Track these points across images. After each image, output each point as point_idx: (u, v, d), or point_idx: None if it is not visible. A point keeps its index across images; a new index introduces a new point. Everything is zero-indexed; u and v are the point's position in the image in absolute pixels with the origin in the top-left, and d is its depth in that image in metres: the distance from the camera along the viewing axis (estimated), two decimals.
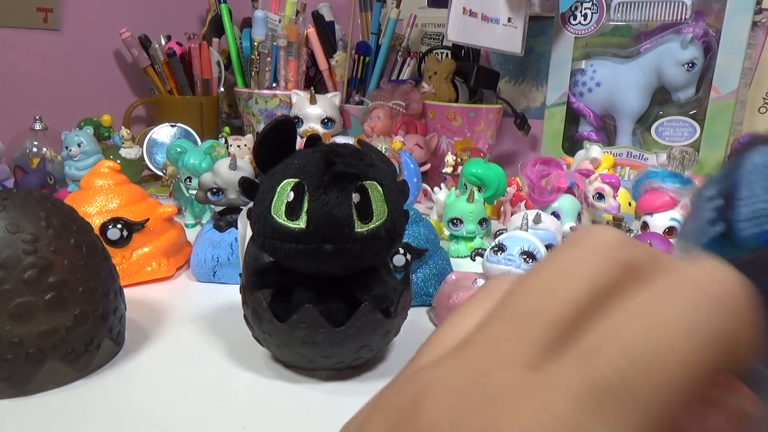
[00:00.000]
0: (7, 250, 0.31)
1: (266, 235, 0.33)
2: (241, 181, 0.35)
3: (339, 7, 1.04)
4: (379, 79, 0.95)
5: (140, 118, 1.07)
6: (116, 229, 0.50)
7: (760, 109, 0.79)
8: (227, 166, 0.51)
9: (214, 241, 0.52)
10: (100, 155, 0.72)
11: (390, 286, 0.36)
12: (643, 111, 0.80)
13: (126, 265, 0.50)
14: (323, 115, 0.84)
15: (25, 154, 0.78)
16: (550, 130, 0.84)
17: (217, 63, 1.01)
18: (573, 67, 0.82)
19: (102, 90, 1.02)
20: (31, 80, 0.93)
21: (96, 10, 0.98)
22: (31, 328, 0.32)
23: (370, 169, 0.33)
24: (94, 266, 0.36)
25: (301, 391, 0.35)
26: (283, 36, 0.91)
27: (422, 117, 0.89)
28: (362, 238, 0.32)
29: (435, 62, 0.90)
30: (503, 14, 0.79)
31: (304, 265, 0.34)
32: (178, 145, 0.68)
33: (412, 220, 0.48)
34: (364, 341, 0.35)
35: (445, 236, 0.63)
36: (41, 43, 0.93)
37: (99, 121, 0.85)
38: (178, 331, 0.43)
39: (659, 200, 0.54)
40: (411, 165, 0.70)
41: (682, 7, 0.74)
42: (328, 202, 0.32)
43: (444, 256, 0.52)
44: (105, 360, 0.37)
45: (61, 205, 0.36)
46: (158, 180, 0.86)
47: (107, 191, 0.51)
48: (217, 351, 0.40)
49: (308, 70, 0.98)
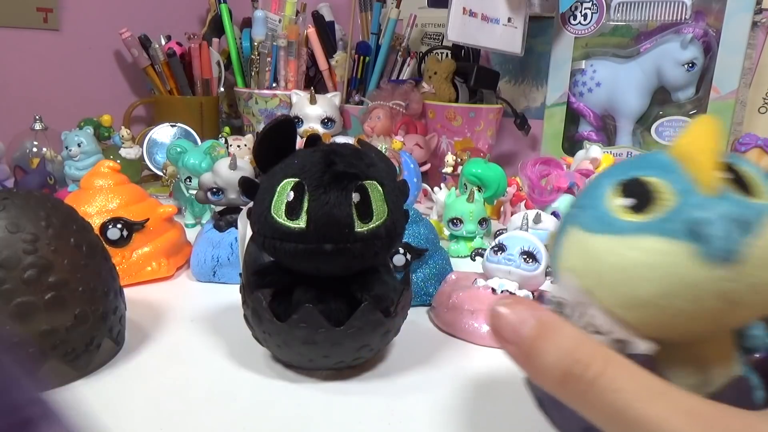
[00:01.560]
0: (7, 250, 0.31)
1: (266, 234, 0.33)
2: (241, 181, 0.35)
3: (339, 7, 1.04)
4: (379, 79, 0.95)
5: (140, 118, 1.07)
6: (116, 229, 0.50)
7: (760, 109, 0.79)
8: (227, 166, 0.51)
9: (214, 241, 0.52)
10: (100, 155, 0.72)
11: (390, 286, 0.36)
12: (643, 111, 0.80)
13: (126, 265, 0.50)
14: (323, 115, 0.84)
15: (25, 154, 0.78)
16: (550, 130, 0.84)
17: (217, 63, 1.01)
18: (573, 67, 0.82)
19: (102, 90, 1.02)
20: (31, 80, 0.93)
21: (96, 10, 0.99)
22: (31, 327, 0.32)
23: (370, 168, 0.33)
24: (94, 266, 0.36)
25: (301, 391, 0.35)
26: (283, 36, 0.91)
27: (422, 117, 0.89)
28: (362, 238, 0.32)
29: (435, 62, 0.90)
30: (503, 14, 0.79)
31: (304, 264, 0.34)
32: (178, 145, 0.68)
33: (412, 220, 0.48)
34: (364, 341, 0.35)
35: (445, 236, 0.63)
36: (41, 43, 0.93)
37: (99, 121, 0.85)
38: (178, 331, 0.43)
39: None
40: (411, 165, 0.70)
41: (682, 7, 0.74)
42: (328, 202, 0.32)
43: (444, 256, 0.52)
44: (105, 360, 0.37)
45: (61, 205, 0.36)
46: (158, 180, 0.86)
47: (107, 191, 0.51)
48: (217, 351, 0.40)
49: (308, 70, 0.98)
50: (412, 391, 0.36)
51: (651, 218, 0.19)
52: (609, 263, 0.19)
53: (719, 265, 0.17)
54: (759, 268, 0.17)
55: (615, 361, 0.17)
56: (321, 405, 0.34)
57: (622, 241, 0.19)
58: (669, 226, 0.18)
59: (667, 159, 0.20)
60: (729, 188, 0.18)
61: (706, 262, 0.17)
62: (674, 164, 0.19)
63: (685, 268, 0.18)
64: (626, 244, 0.19)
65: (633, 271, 0.19)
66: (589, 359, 0.17)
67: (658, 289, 0.18)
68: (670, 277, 0.18)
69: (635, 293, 0.19)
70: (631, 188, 0.20)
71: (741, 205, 0.18)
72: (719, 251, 0.17)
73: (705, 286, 0.18)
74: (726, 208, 0.18)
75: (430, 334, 0.44)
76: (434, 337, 0.43)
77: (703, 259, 0.17)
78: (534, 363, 0.18)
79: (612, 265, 0.19)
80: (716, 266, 0.17)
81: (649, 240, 0.18)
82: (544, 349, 0.18)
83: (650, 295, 0.18)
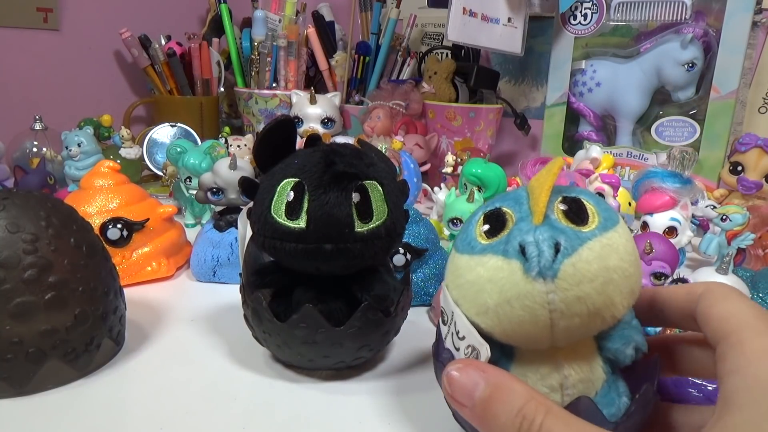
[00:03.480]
0: (7, 249, 0.31)
1: (266, 234, 0.33)
2: (241, 181, 0.35)
3: (339, 7, 1.04)
4: (379, 79, 0.95)
5: (140, 118, 1.07)
6: (116, 229, 0.50)
7: (760, 109, 0.79)
8: (227, 166, 0.51)
9: (214, 241, 0.52)
10: (100, 155, 0.72)
11: (390, 286, 0.36)
12: (643, 111, 0.80)
13: (126, 265, 0.50)
14: (323, 115, 0.84)
15: (25, 154, 0.78)
16: (550, 130, 0.84)
17: (217, 63, 1.01)
18: (573, 67, 0.82)
19: (102, 90, 1.02)
20: (31, 80, 0.93)
21: (96, 10, 0.99)
22: (31, 327, 0.32)
23: (370, 168, 0.33)
24: (94, 266, 0.36)
25: (301, 391, 0.35)
26: (283, 36, 0.91)
27: (422, 117, 0.89)
28: (362, 238, 0.32)
29: (435, 62, 0.90)
30: (503, 14, 0.79)
31: (304, 264, 0.34)
32: (178, 145, 0.68)
33: (412, 220, 0.48)
34: (364, 341, 0.35)
35: (445, 236, 0.63)
36: (41, 43, 0.93)
37: (99, 121, 0.85)
38: (178, 331, 0.43)
39: (659, 200, 0.54)
40: (411, 165, 0.70)
41: (682, 7, 0.74)
42: (328, 202, 0.32)
43: (444, 256, 0.52)
44: (105, 360, 0.37)
45: (61, 205, 0.36)
46: (158, 180, 0.86)
47: (107, 191, 0.51)
48: (217, 351, 0.40)
49: (308, 70, 0.98)
50: (412, 391, 0.36)
51: (496, 241, 0.23)
52: (466, 278, 0.23)
53: (539, 279, 0.21)
54: (572, 284, 0.21)
55: (554, 411, 0.20)
56: (321, 405, 0.34)
57: (475, 259, 0.23)
58: (505, 248, 0.22)
59: (523, 193, 0.24)
60: (558, 218, 0.22)
61: (529, 276, 0.21)
62: (524, 197, 0.24)
63: (516, 282, 0.21)
64: (477, 262, 0.23)
65: (480, 283, 0.22)
66: (534, 414, 0.20)
67: (498, 299, 0.22)
68: (506, 289, 0.22)
69: (482, 302, 0.22)
70: (490, 217, 0.24)
71: (558, 232, 0.22)
72: (536, 268, 0.21)
73: (532, 297, 0.21)
74: (545, 234, 0.22)
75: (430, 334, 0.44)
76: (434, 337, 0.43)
77: (527, 274, 0.21)
78: (488, 424, 0.21)
79: (467, 279, 0.23)
80: (537, 280, 0.21)
81: (492, 258, 0.22)
82: (496, 412, 0.20)
83: (493, 304, 0.22)
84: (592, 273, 0.21)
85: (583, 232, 0.22)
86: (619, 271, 0.22)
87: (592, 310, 0.21)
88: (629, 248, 0.23)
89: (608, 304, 0.22)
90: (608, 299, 0.22)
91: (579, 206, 0.23)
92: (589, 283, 0.21)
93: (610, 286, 0.22)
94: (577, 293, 0.21)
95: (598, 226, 0.22)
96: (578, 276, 0.21)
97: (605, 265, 0.21)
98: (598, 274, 0.21)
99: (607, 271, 0.21)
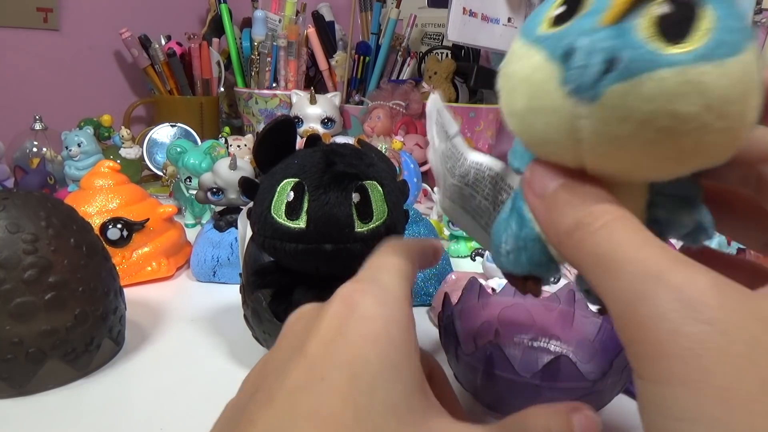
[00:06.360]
0: (7, 250, 0.31)
1: (266, 234, 0.33)
2: (241, 181, 0.35)
3: (339, 7, 1.04)
4: (379, 79, 0.95)
5: (140, 118, 1.07)
6: (116, 229, 0.50)
7: None
8: (227, 166, 0.51)
9: (214, 241, 0.52)
10: (100, 155, 0.72)
11: None
12: None
13: (126, 265, 0.50)
14: (323, 115, 0.84)
15: (25, 154, 0.78)
16: None
17: (217, 63, 1.01)
18: None
19: (102, 90, 1.02)
20: (31, 80, 0.93)
21: (96, 10, 0.99)
22: (31, 327, 0.32)
23: (370, 168, 0.33)
24: (94, 266, 0.36)
25: None
26: (283, 36, 0.91)
27: (422, 117, 0.89)
28: (362, 238, 0.32)
29: (435, 62, 0.90)
30: (503, 14, 0.79)
31: (304, 264, 0.34)
32: (178, 145, 0.68)
33: (412, 220, 0.48)
34: None
35: (445, 236, 0.63)
36: (41, 43, 0.93)
37: (99, 121, 0.85)
38: (178, 331, 0.43)
39: None
40: (411, 165, 0.70)
41: None
42: (328, 202, 0.32)
43: (444, 256, 0.52)
44: (105, 360, 0.37)
45: (61, 205, 0.36)
46: (158, 180, 0.86)
47: (107, 191, 0.51)
48: (217, 351, 0.40)
49: (308, 70, 0.98)
50: None
51: (552, 32, 0.17)
52: (509, 67, 0.18)
53: (573, 97, 0.16)
54: (611, 118, 0.15)
55: (627, 218, 0.17)
56: None
57: (524, 49, 0.18)
58: (553, 44, 0.16)
59: None
60: (642, 24, 0.15)
61: (563, 90, 0.16)
62: None
63: (548, 92, 0.16)
64: (525, 53, 0.18)
65: (515, 80, 0.18)
66: (603, 213, 0.17)
67: (526, 104, 0.17)
68: (536, 96, 0.17)
69: (512, 101, 0.18)
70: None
71: (624, 43, 0.15)
72: (575, 81, 0.16)
73: (559, 115, 0.16)
74: (605, 41, 0.15)
75: (430, 334, 0.44)
76: (434, 337, 0.43)
77: (562, 86, 0.16)
78: (552, 212, 0.18)
79: (509, 70, 0.18)
80: (570, 98, 0.16)
81: (537, 54, 0.17)
82: (566, 200, 0.18)
83: (521, 108, 0.18)
84: (644, 114, 0.15)
85: (665, 54, 0.15)
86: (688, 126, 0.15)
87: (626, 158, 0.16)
88: (733, 98, 0.15)
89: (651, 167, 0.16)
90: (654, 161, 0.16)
91: (686, 13, 0.15)
92: (635, 126, 0.15)
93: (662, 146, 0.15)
94: (616, 132, 0.15)
95: (699, 48, 0.15)
96: (624, 111, 0.15)
97: (672, 110, 0.15)
98: (653, 119, 0.15)
99: (673, 119, 0.15)
